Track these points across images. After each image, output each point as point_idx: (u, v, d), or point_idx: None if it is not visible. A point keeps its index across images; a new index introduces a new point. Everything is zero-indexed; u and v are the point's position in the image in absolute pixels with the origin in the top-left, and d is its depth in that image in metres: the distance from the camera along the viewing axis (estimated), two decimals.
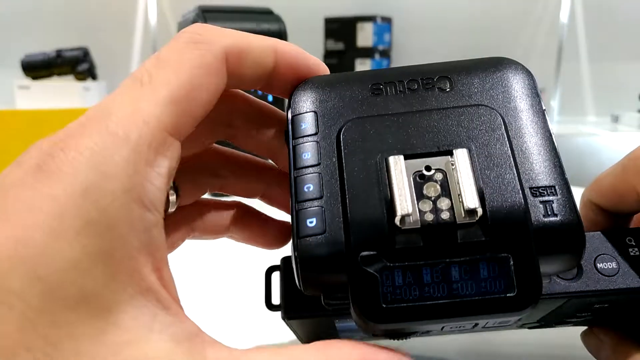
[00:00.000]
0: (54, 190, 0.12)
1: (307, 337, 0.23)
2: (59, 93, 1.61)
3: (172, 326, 0.13)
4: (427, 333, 0.15)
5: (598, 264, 0.20)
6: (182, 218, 0.22)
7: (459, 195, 0.15)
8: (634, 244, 0.20)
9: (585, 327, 0.24)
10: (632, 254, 0.20)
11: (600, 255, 0.20)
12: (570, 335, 0.25)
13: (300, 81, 0.18)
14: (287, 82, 0.18)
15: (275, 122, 0.21)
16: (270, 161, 0.23)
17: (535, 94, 0.18)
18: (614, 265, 0.19)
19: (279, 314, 0.21)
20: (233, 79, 0.17)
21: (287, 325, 0.21)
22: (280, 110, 0.21)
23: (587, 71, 1.82)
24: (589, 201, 0.22)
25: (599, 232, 0.20)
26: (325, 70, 0.19)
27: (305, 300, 0.20)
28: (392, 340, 0.16)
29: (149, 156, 0.14)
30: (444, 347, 0.28)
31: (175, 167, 0.15)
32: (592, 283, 0.19)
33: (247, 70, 0.17)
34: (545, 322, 0.24)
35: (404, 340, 0.16)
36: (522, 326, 0.25)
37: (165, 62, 0.15)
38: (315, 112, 0.18)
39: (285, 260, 0.21)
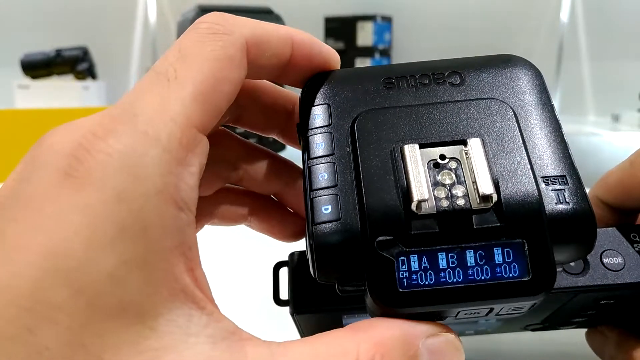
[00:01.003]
0: (85, 198, 0.12)
1: (313, 333, 0.23)
2: (58, 92, 1.61)
3: (208, 327, 0.13)
4: (442, 319, 0.16)
5: (604, 259, 0.20)
6: (203, 204, 0.22)
7: (473, 182, 0.15)
8: (638, 239, 0.20)
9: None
10: (637, 249, 0.20)
11: (606, 250, 0.20)
12: (573, 335, 0.25)
13: (314, 70, 0.18)
14: (302, 72, 0.18)
15: (280, 99, 0.21)
16: (284, 155, 0.23)
17: (544, 89, 0.18)
18: (619, 260, 0.20)
19: (286, 309, 0.21)
20: (251, 70, 0.17)
21: (294, 321, 0.21)
22: (281, 88, 0.22)
23: (587, 70, 1.82)
24: (596, 197, 0.23)
25: (604, 228, 0.20)
26: (337, 59, 0.19)
27: (314, 295, 0.20)
28: None
29: (180, 155, 0.13)
30: None
31: (205, 162, 0.15)
32: (599, 277, 0.19)
33: (265, 60, 0.17)
34: (550, 324, 0.24)
35: None
36: (525, 328, 0.25)
37: (189, 56, 0.15)
38: (328, 104, 0.18)
39: (293, 255, 0.22)
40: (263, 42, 0.17)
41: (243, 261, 0.41)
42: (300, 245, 0.22)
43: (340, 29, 1.76)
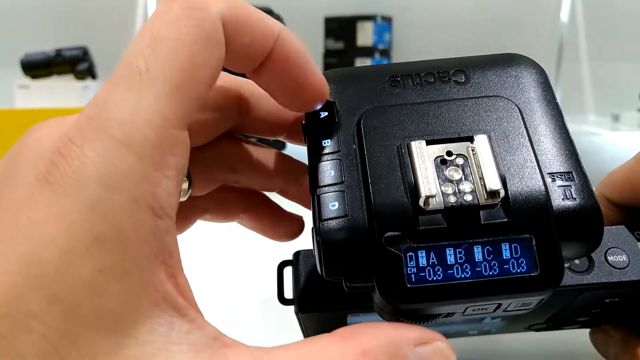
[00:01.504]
0: (61, 206, 0.12)
1: (317, 333, 0.23)
2: (58, 92, 1.61)
3: (190, 334, 0.13)
4: (449, 316, 0.16)
5: (609, 257, 0.20)
6: (196, 201, 0.21)
7: (480, 178, 0.15)
8: None
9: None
10: None
11: (610, 248, 0.20)
12: (577, 335, 0.25)
13: (288, 85, 0.17)
14: (275, 79, 0.17)
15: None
16: (287, 153, 0.23)
17: (548, 87, 0.18)
18: (624, 258, 0.20)
19: (290, 309, 0.21)
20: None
21: (298, 320, 0.21)
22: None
23: (587, 70, 1.82)
24: (601, 195, 0.23)
25: (608, 227, 0.21)
26: (325, 91, 0.17)
27: (319, 294, 0.20)
28: None
29: (156, 159, 0.13)
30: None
31: (186, 160, 0.14)
32: (604, 275, 0.20)
33: (239, 45, 0.15)
34: (554, 323, 0.24)
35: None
36: (529, 328, 0.25)
37: (161, 40, 0.14)
38: (334, 102, 0.18)
39: (298, 254, 0.22)
40: (242, 23, 0.15)
41: (246, 260, 0.40)
42: (305, 244, 0.22)
43: (340, 29, 1.75)
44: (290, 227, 0.23)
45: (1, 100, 1.69)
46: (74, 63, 1.66)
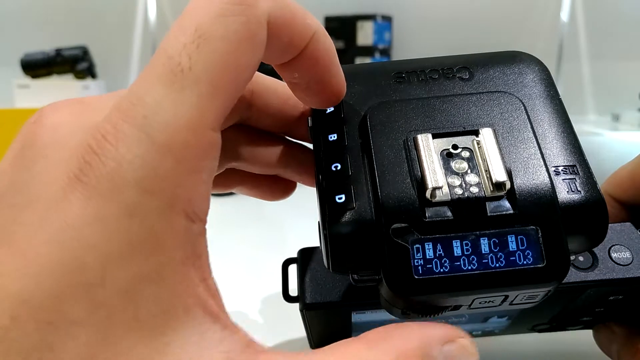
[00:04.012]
0: (97, 209, 0.12)
1: (321, 331, 0.23)
2: (58, 92, 1.61)
3: (224, 341, 0.13)
4: (456, 309, 0.16)
5: (613, 254, 0.20)
6: None
7: (486, 171, 0.15)
8: None
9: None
10: None
11: (614, 245, 0.20)
12: (579, 335, 0.25)
13: (310, 82, 0.17)
14: (300, 73, 0.16)
15: (291, 99, 0.21)
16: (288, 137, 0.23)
17: (551, 83, 0.18)
18: (628, 254, 0.20)
19: (293, 307, 0.21)
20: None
21: (303, 317, 0.21)
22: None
23: (587, 70, 1.82)
24: (606, 193, 0.23)
25: (612, 224, 0.21)
26: (342, 92, 0.17)
27: (324, 291, 0.20)
28: None
29: (194, 164, 0.13)
30: None
31: (217, 161, 0.14)
32: (609, 272, 0.20)
33: (276, 44, 0.15)
34: (557, 323, 0.24)
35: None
36: (533, 329, 0.25)
37: (207, 37, 0.13)
38: None
39: (303, 252, 0.22)
40: (285, 25, 0.14)
41: (251, 258, 0.41)
42: (309, 241, 0.22)
43: (340, 29, 1.76)
44: (284, 186, 0.23)
45: (1, 100, 1.69)
46: (74, 63, 1.65)
